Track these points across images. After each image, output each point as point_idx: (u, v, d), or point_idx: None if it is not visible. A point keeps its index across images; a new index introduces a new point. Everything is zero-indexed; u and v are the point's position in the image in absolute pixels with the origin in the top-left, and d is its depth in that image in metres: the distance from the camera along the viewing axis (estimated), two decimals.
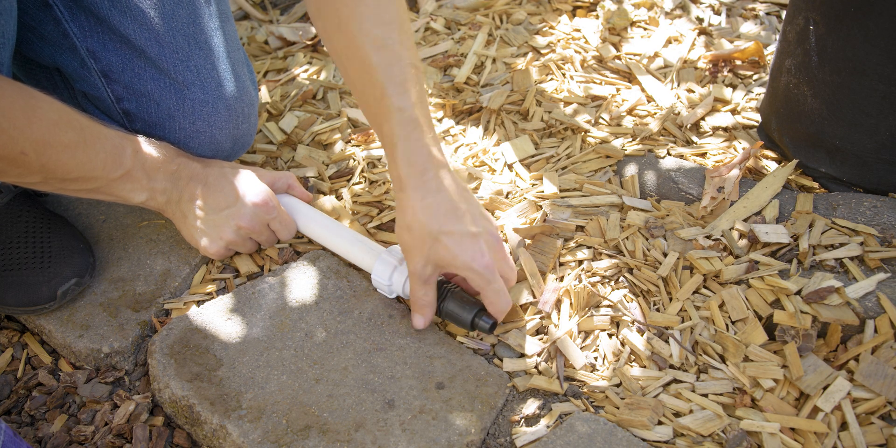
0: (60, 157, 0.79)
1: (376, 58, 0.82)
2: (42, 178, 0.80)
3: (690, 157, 1.11)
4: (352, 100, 1.29)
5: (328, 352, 0.91)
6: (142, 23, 0.92)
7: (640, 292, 0.95)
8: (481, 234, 0.84)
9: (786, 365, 0.85)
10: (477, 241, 0.83)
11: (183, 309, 0.99)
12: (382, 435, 0.83)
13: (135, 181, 0.88)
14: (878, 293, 0.88)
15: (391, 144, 0.83)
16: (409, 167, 0.82)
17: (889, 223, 0.95)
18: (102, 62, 0.94)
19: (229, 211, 0.95)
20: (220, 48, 0.99)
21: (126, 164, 0.86)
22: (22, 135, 0.74)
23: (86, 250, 1.00)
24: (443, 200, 0.83)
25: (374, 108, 0.84)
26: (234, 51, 1.02)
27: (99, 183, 0.85)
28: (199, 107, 0.98)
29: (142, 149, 0.88)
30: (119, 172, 0.86)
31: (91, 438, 0.90)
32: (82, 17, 0.91)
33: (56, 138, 0.78)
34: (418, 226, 0.83)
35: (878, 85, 0.92)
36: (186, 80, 0.96)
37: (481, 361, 0.90)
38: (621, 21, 1.33)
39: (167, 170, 0.91)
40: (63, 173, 0.81)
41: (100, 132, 0.83)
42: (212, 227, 0.95)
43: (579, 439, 0.81)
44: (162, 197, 0.92)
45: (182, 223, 0.97)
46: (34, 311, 0.95)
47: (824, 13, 0.93)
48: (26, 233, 0.98)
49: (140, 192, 0.89)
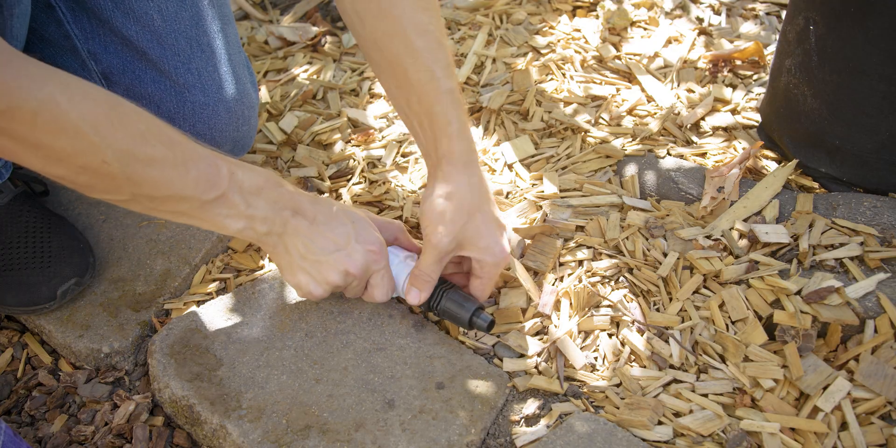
0: (147, 171, 0.71)
1: (421, 42, 0.82)
2: (130, 194, 0.73)
3: (690, 157, 1.11)
4: (352, 100, 1.29)
5: (328, 352, 0.91)
6: (144, 24, 0.92)
7: (640, 292, 0.95)
8: (505, 227, 0.89)
9: (786, 365, 0.85)
10: (502, 231, 0.88)
11: (183, 309, 0.99)
12: (382, 435, 0.83)
13: (231, 206, 0.77)
14: (878, 293, 0.88)
15: (444, 122, 0.84)
16: (463, 143, 0.84)
17: (889, 223, 0.95)
18: (103, 64, 0.94)
19: (339, 254, 0.84)
20: (222, 50, 0.99)
21: (221, 185, 0.76)
22: (104, 142, 0.67)
23: (86, 250, 1.00)
24: (485, 183, 0.87)
25: (421, 90, 0.84)
26: (235, 53, 1.02)
27: (191, 204, 0.76)
28: (199, 109, 0.98)
29: (239, 171, 0.78)
30: (213, 194, 0.76)
31: (91, 438, 0.90)
32: (84, 18, 0.91)
33: (143, 150, 0.70)
34: (458, 198, 0.84)
35: (878, 85, 0.92)
36: (187, 82, 0.96)
37: (481, 361, 0.90)
38: (621, 21, 1.33)
39: (268, 197, 0.80)
40: (151, 190, 0.73)
41: (192, 149, 0.75)
42: (317, 268, 0.85)
43: (579, 439, 0.81)
44: (262, 227, 0.80)
45: (282, 258, 0.85)
46: (34, 310, 0.95)
47: (824, 13, 0.93)
48: (26, 232, 0.98)
49: (237, 219, 0.78)
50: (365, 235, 0.86)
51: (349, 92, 1.32)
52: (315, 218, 0.83)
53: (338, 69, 1.37)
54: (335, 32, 1.47)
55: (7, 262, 0.95)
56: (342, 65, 1.38)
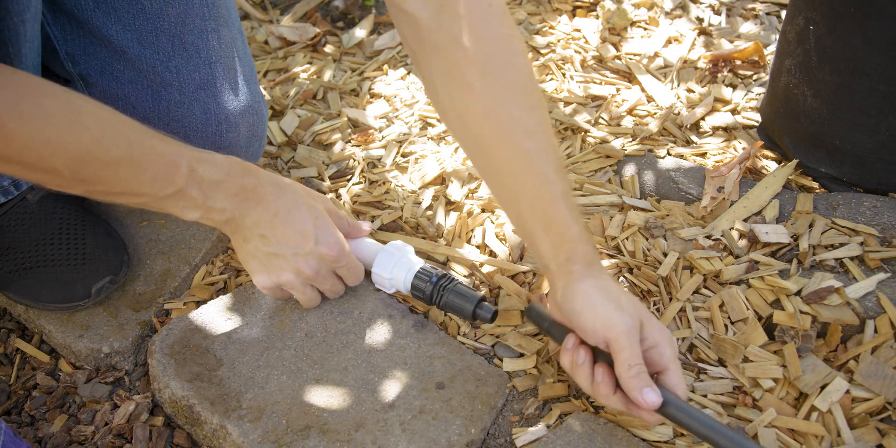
0: (101, 173, 0.73)
1: (531, 144, 0.78)
2: (84, 191, 0.75)
3: (690, 156, 1.11)
4: (352, 100, 1.29)
5: (328, 352, 0.91)
6: (125, 24, 0.90)
7: (641, 292, 0.95)
8: None
9: (785, 365, 0.85)
10: None
11: (183, 309, 0.99)
12: (382, 435, 0.83)
13: (188, 199, 0.79)
14: (878, 293, 0.88)
15: (564, 227, 0.78)
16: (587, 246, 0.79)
17: (889, 223, 0.95)
18: (81, 66, 0.93)
19: (296, 252, 0.85)
20: (211, 51, 0.96)
21: (178, 182, 0.77)
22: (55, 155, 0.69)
23: (120, 248, 1.00)
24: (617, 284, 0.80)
25: (534, 193, 0.79)
26: (227, 57, 0.98)
27: (147, 199, 0.78)
28: (174, 108, 0.95)
29: (200, 166, 0.79)
30: (169, 190, 0.78)
31: (91, 438, 0.90)
32: (64, 20, 0.91)
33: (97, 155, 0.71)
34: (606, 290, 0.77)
35: (878, 85, 0.92)
36: (164, 80, 0.94)
37: (481, 361, 0.90)
38: (621, 21, 1.33)
39: (228, 189, 0.82)
40: (105, 188, 0.75)
41: (151, 148, 0.76)
42: (271, 263, 0.87)
43: (579, 439, 0.81)
44: (220, 216, 0.82)
45: (240, 247, 0.88)
46: (69, 308, 0.96)
47: (824, 13, 0.93)
48: (60, 229, 0.98)
49: (193, 210, 0.80)
50: (325, 237, 0.86)
51: (349, 92, 1.32)
52: (277, 212, 0.84)
53: (338, 69, 1.37)
54: (335, 32, 1.47)
55: (42, 259, 0.96)
56: (342, 65, 1.38)
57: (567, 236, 0.78)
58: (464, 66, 0.78)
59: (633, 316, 0.75)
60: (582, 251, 0.78)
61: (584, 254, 0.78)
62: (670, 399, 0.72)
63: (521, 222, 0.81)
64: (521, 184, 0.79)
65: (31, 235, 0.97)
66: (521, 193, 0.79)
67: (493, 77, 0.78)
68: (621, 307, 0.75)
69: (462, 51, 0.78)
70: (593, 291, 0.76)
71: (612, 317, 0.74)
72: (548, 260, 0.79)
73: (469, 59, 0.78)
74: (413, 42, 0.81)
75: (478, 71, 0.78)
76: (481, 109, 0.79)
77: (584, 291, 0.77)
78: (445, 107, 0.82)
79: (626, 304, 0.76)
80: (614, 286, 0.77)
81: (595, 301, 0.76)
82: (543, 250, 0.79)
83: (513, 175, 0.79)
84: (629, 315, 0.74)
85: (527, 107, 0.78)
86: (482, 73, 0.78)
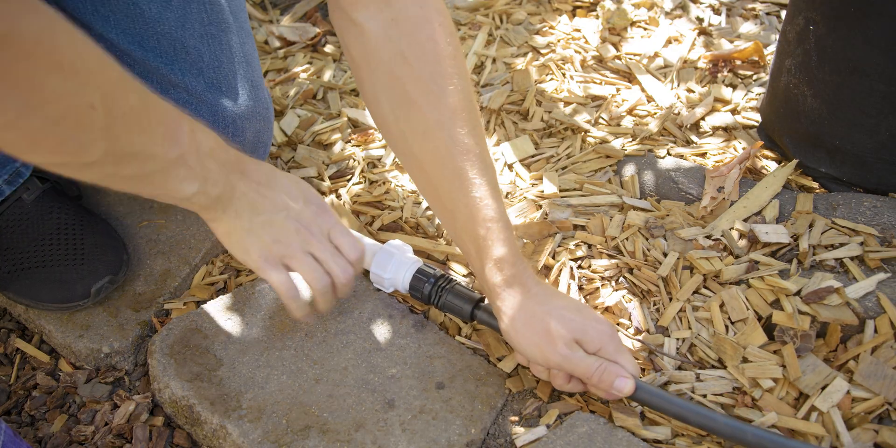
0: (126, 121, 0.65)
1: (468, 165, 0.80)
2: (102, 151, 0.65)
3: (690, 156, 1.11)
4: (352, 100, 1.29)
5: (328, 352, 0.91)
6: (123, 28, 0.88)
7: (640, 292, 0.95)
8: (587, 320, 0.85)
9: (784, 365, 0.85)
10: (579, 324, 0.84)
11: (183, 309, 0.99)
12: (382, 435, 0.83)
13: (189, 167, 0.73)
14: (878, 293, 0.88)
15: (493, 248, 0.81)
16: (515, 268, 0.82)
17: (889, 223, 0.95)
18: None
19: (286, 215, 0.81)
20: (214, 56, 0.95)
21: (182, 142, 0.71)
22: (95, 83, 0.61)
23: (120, 248, 1.00)
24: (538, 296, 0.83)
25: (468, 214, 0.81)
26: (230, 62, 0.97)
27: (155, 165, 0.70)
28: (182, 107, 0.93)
29: (197, 128, 0.74)
30: (175, 152, 0.71)
31: (91, 438, 0.90)
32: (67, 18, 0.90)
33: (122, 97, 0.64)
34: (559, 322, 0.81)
35: (878, 85, 0.92)
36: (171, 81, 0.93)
37: (481, 361, 0.90)
38: (621, 21, 1.33)
39: (219, 158, 0.76)
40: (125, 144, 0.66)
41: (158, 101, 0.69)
42: (268, 230, 0.81)
43: (579, 439, 0.81)
44: (214, 189, 0.76)
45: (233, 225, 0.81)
46: (68, 308, 0.96)
47: (824, 13, 0.93)
48: (58, 229, 0.98)
49: (192, 182, 0.73)
50: (310, 195, 0.85)
51: (349, 92, 1.32)
52: (261, 180, 0.81)
53: (338, 69, 1.37)
54: (335, 32, 1.47)
55: (40, 259, 0.96)
56: (342, 65, 1.38)
57: (495, 257, 0.81)
58: (408, 83, 0.79)
59: (565, 339, 0.79)
60: (510, 273, 0.81)
61: (513, 276, 0.81)
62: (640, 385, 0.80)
63: (458, 240, 0.85)
64: (456, 204, 0.82)
65: (29, 235, 0.97)
66: (457, 213, 0.82)
67: (436, 96, 0.79)
68: (550, 335, 0.79)
69: (408, 67, 0.79)
70: (521, 324, 0.81)
71: (544, 353, 0.80)
72: (480, 279, 0.84)
73: (414, 77, 0.79)
74: (357, 54, 0.82)
75: (422, 89, 0.79)
76: (423, 128, 0.81)
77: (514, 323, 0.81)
78: (388, 122, 0.84)
79: (556, 325, 0.79)
80: (540, 306, 0.81)
81: (525, 336, 0.81)
82: (476, 270, 0.84)
83: (449, 195, 0.82)
84: (561, 340, 0.79)
85: (467, 127, 0.80)
86: (426, 92, 0.79)
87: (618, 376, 0.79)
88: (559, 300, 0.83)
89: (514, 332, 0.82)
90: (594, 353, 0.80)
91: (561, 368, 0.81)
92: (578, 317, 0.81)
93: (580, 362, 0.79)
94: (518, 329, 0.81)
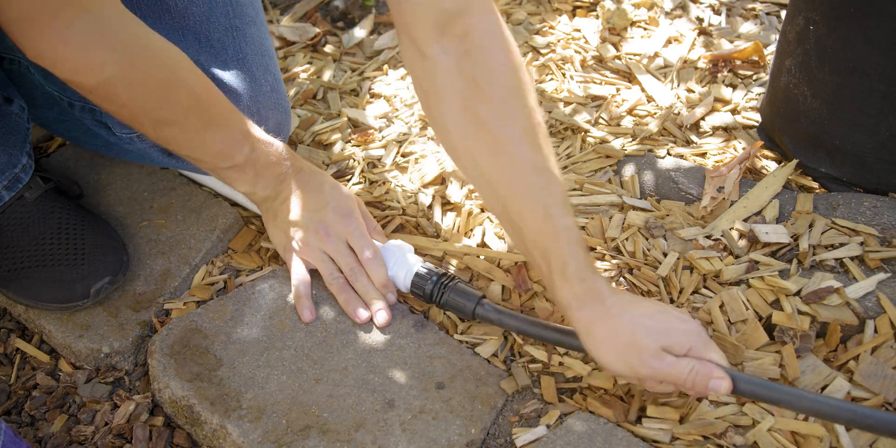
0: (177, 136, 0.85)
1: (538, 180, 0.79)
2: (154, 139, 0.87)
3: (690, 156, 1.11)
4: (352, 100, 1.29)
5: (328, 352, 0.91)
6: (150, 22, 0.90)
7: (640, 292, 0.95)
8: None
9: (783, 365, 0.85)
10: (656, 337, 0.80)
11: (183, 309, 0.99)
12: (382, 435, 0.83)
13: (243, 174, 0.92)
14: (878, 293, 0.88)
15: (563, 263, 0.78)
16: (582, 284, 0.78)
17: (889, 223, 0.95)
18: None
19: (314, 214, 0.95)
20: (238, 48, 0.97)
21: (238, 159, 0.89)
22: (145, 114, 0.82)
23: (120, 249, 1.00)
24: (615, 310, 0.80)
25: (535, 230, 0.80)
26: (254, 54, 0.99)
27: (207, 166, 0.91)
28: None
29: (258, 148, 0.91)
30: (228, 164, 0.90)
31: (91, 438, 0.90)
32: None
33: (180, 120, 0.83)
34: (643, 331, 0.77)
35: (878, 85, 0.92)
36: None
37: (481, 361, 0.90)
38: (621, 21, 1.33)
39: (275, 172, 0.94)
40: (174, 148, 0.88)
41: (226, 122, 0.88)
42: (294, 225, 0.96)
43: (579, 439, 0.81)
44: (262, 192, 0.95)
45: (271, 221, 0.99)
46: (68, 308, 0.96)
47: (824, 13, 0.93)
48: (59, 229, 0.98)
49: (244, 184, 0.93)
50: (341, 203, 0.96)
51: (349, 92, 1.32)
52: (305, 186, 0.96)
53: (338, 69, 1.37)
54: (335, 32, 1.47)
55: (40, 258, 0.96)
56: (342, 65, 1.38)
57: (566, 273, 0.78)
58: (479, 106, 0.80)
59: (650, 350, 0.74)
60: (581, 289, 0.77)
61: (585, 291, 0.77)
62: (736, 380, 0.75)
63: (529, 257, 0.83)
64: (524, 220, 0.80)
65: (30, 234, 0.97)
66: (525, 230, 0.80)
67: (506, 117, 0.79)
68: (635, 348, 0.75)
69: (479, 91, 0.79)
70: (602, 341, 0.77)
71: (633, 368, 0.75)
72: (553, 296, 0.81)
73: (486, 99, 0.79)
74: (427, 84, 0.82)
75: (493, 111, 0.79)
76: (492, 148, 0.80)
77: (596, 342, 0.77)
78: (456, 146, 0.83)
79: (639, 336, 0.75)
80: (619, 319, 0.76)
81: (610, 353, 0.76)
82: (548, 286, 0.81)
83: (518, 212, 0.80)
84: (647, 352, 0.74)
85: (535, 143, 0.80)
86: (497, 114, 0.79)
87: (711, 378, 0.74)
88: (637, 307, 0.78)
89: (597, 351, 0.77)
90: (684, 355, 0.76)
91: (652, 379, 0.78)
92: (660, 322, 0.77)
93: (671, 370, 0.74)
94: (601, 347, 0.77)
